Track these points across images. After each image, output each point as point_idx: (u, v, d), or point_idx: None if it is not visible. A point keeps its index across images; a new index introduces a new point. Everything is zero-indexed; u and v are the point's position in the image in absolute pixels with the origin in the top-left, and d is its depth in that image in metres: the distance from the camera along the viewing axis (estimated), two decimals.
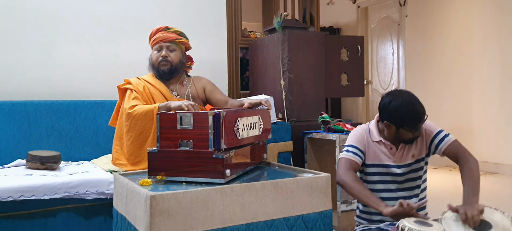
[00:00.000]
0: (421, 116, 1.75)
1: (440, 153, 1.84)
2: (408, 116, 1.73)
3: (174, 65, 2.40)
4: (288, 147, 2.91)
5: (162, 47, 2.39)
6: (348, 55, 3.41)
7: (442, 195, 3.60)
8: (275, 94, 3.23)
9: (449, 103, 5.44)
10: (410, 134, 1.78)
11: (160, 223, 1.40)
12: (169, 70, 2.39)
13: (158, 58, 2.38)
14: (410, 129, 1.76)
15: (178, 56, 2.42)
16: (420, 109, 1.74)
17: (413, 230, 1.48)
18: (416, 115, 1.74)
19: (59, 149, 2.65)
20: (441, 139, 1.83)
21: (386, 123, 1.81)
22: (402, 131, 1.78)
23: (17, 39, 2.79)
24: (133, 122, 2.21)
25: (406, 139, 1.81)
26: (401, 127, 1.77)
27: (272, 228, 1.60)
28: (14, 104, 2.62)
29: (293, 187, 1.66)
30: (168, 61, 2.38)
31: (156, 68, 2.40)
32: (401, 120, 1.75)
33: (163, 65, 2.38)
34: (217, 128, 1.62)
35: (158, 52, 2.40)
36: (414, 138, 1.81)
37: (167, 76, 2.40)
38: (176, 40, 2.42)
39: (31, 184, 2.02)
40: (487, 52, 4.96)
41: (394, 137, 1.83)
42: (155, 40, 2.41)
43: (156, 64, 2.39)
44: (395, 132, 1.80)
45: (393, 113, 1.76)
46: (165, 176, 1.67)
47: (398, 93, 1.79)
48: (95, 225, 2.22)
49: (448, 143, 1.82)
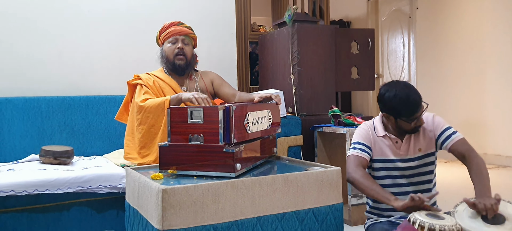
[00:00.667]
0: (416, 104, 1.73)
1: (447, 149, 1.83)
2: (403, 105, 1.73)
3: (188, 60, 2.39)
4: (298, 141, 2.91)
5: (177, 40, 2.37)
6: (358, 48, 3.39)
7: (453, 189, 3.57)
8: (285, 88, 3.22)
9: (461, 96, 5.38)
10: (409, 124, 1.77)
11: (171, 216, 1.42)
12: (185, 65, 2.37)
13: (174, 50, 2.35)
14: (407, 119, 1.76)
15: (191, 50, 2.42)
16: (414, 98, 1.73)
17: (425, 223, 1.47)
18: (411, 104, 1.72)
19: (71, 144, 2.69)
20: (448, 136, 1.82)
21: (385, 114, 1.81)
22: (401, 121, 1.78)
23: (29, 36, 2.83)
24: (144, 115, 2.22)
25: (407, 129, 1.80)
26: (399, 117, 1.77)
27: (283, 221, 1.61)
28: (27, 100, 2.66)
29: (304, 180, 1.66)
30: (184, 54, 2.36)
31: (171, 62, 2.36)
32: (397, 110, 1.75)
33: (179, 60, 2.35)
34: (227, 122, 1.63)
35: (172, 45, 2.36)
36: (416, 127, 1.79)
37: (181, 71, 2.38)
38: (190, 34, 2.42)
39: (45, 179, 2.05)
40: (499, 44, 4.89)
41: (396, 127, 1.82)
42: (170, 33, 2.38)
43: (171, 57, 2.35)
44: (394, 122, 1.80)
45: (388, 104, 1.76)
46: (176, 170, 1.69)
47: (393, 84, 1.79)
48: (108, 219, 2.25)
49: (455, 141, 1.80)
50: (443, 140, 1.82)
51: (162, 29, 2.42)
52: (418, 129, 1.82)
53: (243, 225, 1.53)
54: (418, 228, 1.48)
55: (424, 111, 1.78)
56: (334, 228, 1.72)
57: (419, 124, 1.80)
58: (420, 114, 1.76)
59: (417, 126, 1.80)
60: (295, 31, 3.14)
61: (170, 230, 1.42)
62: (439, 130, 1.84)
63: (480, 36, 5.11)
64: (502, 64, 4.87)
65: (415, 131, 1.82)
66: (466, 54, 5.29)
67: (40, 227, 2.12)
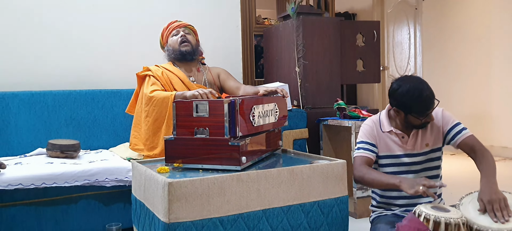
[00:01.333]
0: (429, 102, 1.72)
1: (455, 145, 1.82)
2: (415, 101, 1.71)
3: (193, 46, 2.50)
4: (304, 134, 2.91)
5: (179, 31, 2.50)
6: (364, 40, 3.37)
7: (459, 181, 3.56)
8: (290, 81, 3.22)
9: (467, 88, 5.34)
10: (419, 120, 1.76)
11: (178, 209, 1.43)
12: (191, 50, 2.48)
13: (177, 40, 2.48)
14: (418, 115, 1.74)
15: (194, 39, 2.54)
16: (428, 95, 1.71)
17: (431, 215, 1.47)
18: (424, 101, 1.71)
19: (77, 137, 2.70)
20: (458, 132, 1.81)
21: (395, 109, 1.79)
22: (411, 117, 1.76)
23: (35, 31, 2.84)
24: (151, 107, 2.26)
25: (416, 124, 1.79)
26: (410, 113, 1.75)
27: (289, 214, 1.61)
28: (34, 94, 2.68)
29: (309, 173, 1.66)
30: (188, 41, 2.48)
31: (177, 50, 2.47)
32: (409, 105, 1.73)
33: (184, 46, 2.47)
34: (232, 116, 1.63)
35: (175, 36, 2.50)
36: (425, 123, 1.79)
37: (189, 57, 2.48)
38: (189, 26, 2.56)
39: (52, 172, 2.07)
40: (506, 36, 4.84)
41: (404, 122, 1.81)
42: (171, 28, 2.52)
43: (177, 47, 2.47)
44: (404, 117, 1.79)
45: (401, 99, 1.74)
46: (182, 163, 1.70)
47: (406, 79, 1.77)
48: (114, 212, 2.27)
49: (465, 137, 1.79)
50: (452, 135, 1.81)
51: (163, 31, 2.57)
52: (426, 125, 1.81)
53: (249, 218, 1.54)
54: (424, 220, 1.48)
55: (434, 108, 1.77)
56: (340, 221, 1.72)
57: (428, 120, 1.79)
58: (431, 111, 1.76)
59: (426, 122, 1.79)
60: (300, 24, 3.13)
61: (176, 223, 1.43)
62: (448, 126, 1.83)
63: (487, 27, 5.06)
64: (509, 56, 4.82)
65: (423, 126, 1.81)
66: (472, 46, 5.24)
67: (48, 220, 2.14)
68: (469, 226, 1.51)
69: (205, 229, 1.46)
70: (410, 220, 1.51)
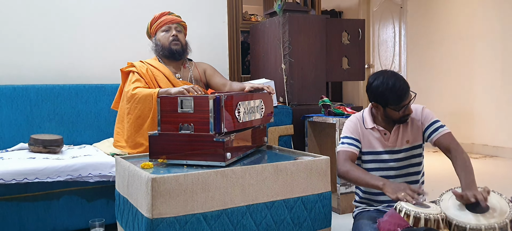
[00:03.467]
0: (403, 92, 1.75)
1: (432, 142, 1.85)
2: (389, 92, 1.74)
3: (183, 45, 2.46)
4: (289, 130, 2.93)
5: (170, 28, 2.44)
6: (349, 38, 3.40)
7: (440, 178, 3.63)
8: (276, 78, 3.23)
9: (450, 86, 5.43)
10: (397, 113, 1.79)
11: (161, 205, 1.43)
12: (181, 49, 2.44)
13: (169, 38, 2.42)
14: (395, 108, 1.77)
15: (183, 37, 2.50)
16: (401, 86, 1.74)
17: (411, 211, 1.50)
18: (397, 91, 1.74)
19: (60, 132, 2.67)
20: (436, 129, 1.84)
21: (374, 103, 1.83)
22: (389, 110, 1.80)
23: (18, 24, 2.79)
24: (133, 105, 2.23)
25: (395, 118, 1.82)
26: (387, 106, 1.79)
27: (272, 209, 1.63)
28: (16, 88, 2.64)
29: (293, 169, 1.68)
30: (179, 40, 2.43)
31: (167, 48, 2.41)
32: (384, 97, 1.77)
33: (175, 45, 2.42)
34: (217, 112, 1.63)
35: (166, 33, 2.44)
36: (404, 116, 1.81)
37: (178, 56, 2.44)
38: (181, 22, 2.50)
39: (34, 167, 2.04)
40: (489, 35, 4.93)
41: (384, 117, 1.84)
42: (162, 22, 2.45)
43: (167, 44, 2.41)
44: (383, 112, 1.82)
45: (376, 91, 1.78)
46: (166, 159, 1.69)
47: (381, 72, 1.80)
48: (98, 207, 2.25)
49: (441, 134, 1.83)
50: (430, 132, 1.85)
51: (153, 20, 2.47)
52: (406, 119, 1.84)
53: (232, 213, 1.55)
54: (404, 216, 1.51)
55: (412, 101, 1.80)
56: (323, 216, 1.74)
57: (407, 113, 1.81)
58: (408, 102, 1.78)
59: (405, 115, 1.81)
60: (286, 21, 3.14)
61: (159, 218, 1.43)
62: (427, 122, 1.86)
63: (470, 27, 5.15)
64: (491, 56, 4.92)
65: (403, 120, 1.83)
66: (455, 45, 5.33)
67: (29, 216, 2.11)
68: (448, 221, 1.54)
69: (189, 225, 1.47)
70: (391, 216, 1.54)
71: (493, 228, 1.46)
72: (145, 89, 2.26)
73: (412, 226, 1.48)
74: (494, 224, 1.47)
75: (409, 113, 1.82)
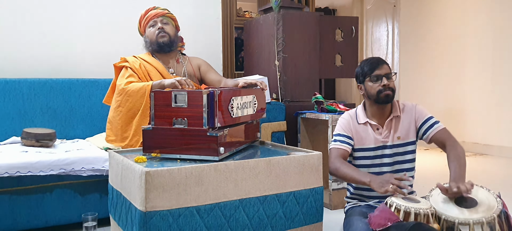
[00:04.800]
0: (376, 60, 1.85)
1: (427, 139, 1.87)
2: (365, 63, 1.87)
3: (171, 37, 2.45)
4: (282, 126, 2.94)
5: (156, 22, 2.45)
6: (343, 36, 3.42)
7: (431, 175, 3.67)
8: (270, 74, 3.25)
9: (441, 85, 5.49)
10: (376, 85, 1.82)
11: (155, 198, 1.44)
12: (169, 41, 2.43)
13: (155, 32, 2.43)
14: (371, 78, 1.83)
15: (172, 29, 2.48)
16: (376, 57, 1.86)
17: (401, 206, 1.52)
18: (371, 60, 1.85)
19: (53, 127, 2.67)
20: (431, 125, 1.86)
21: (360, 86, 1.91)
22: (368, 87, 1.85)
23: (11, 18, 2.78)
24: (124, 98, 2.24)
25: (375, 93, 1.83)
26: (365, 80, 1.87)
27: (265, 203, 1.64)
28: (8, 82, 2.62)
29: (286, 164, 1.69)
30: (165, 32, 2.43)
31: (155, 42, 2.42)
32: (362, 72, 1.87)
33: (161, 37, 2.42)
34: (211, 106, 1.65)
35: (153, 27, 2.44)
36: (384, 90, 1.82)
37: (167, 48, 2.44)
38: (167, 14, 2.49)
39: (27, 161, 2.04)
40: (480, 35, 4.99)
41: (369, 99, 1.88)
42: (148, 17, 2.46)
43: (154, 38, 2.42)
44: (366, 93, 1.88)
45: (356, 72, 1.91)
46: (160, 153, 1.70)
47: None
48: (91, 201, 2.26)
49: (437, 130, 1.85)
50: (425, 129, 1.87)
51: (140, 18, 2.51)
52: (388, 97, 1.83)
53: (225, 207, 1.56)
54: (394, 210, 1.53)
55: (391, 76, 1.84)
56: (314, 211, 1.76)
57: (387, 85, 1.82)
58: (384, 73, 1.82)
59: (384, 88, 1.82)
60: (280, 18, 3.16)
61: (153, 211, 1.44)
62: (421, 119, 1.89)
63: (462, 26, 5.20)
64: (482, 55, 4.98)
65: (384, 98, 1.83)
66: (448, 43, 5.38)
67: (22, 209, 2.11)
68: (437, 216, 1.57)
69: (182, 217, 1.48)
70: (381, 211, 1.56)
71: (481, 223, 1.49)
72: (138, 83, 2.26)
73: (402, 220, 1.51)
74: (482, 218, 1.49)
75: (388, 86, 1.83)
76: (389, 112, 1.91)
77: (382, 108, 1.89)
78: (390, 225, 1.48)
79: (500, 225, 1.51)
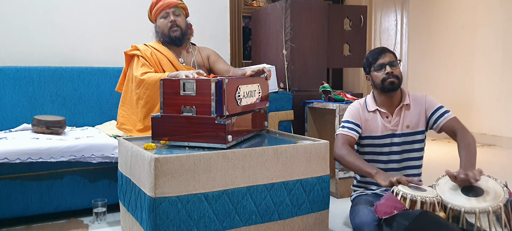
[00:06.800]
0: (380, 49, 1.88)
1: (438, 128, 1.88)
2: (370, 54, 1.90)
3: (183, 30, 2.44)
4: (289, 116, 2.95)
5: (168, 14, 2.42)
6: (351, 25, 3.40)
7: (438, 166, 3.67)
8: (277, 64, 3.25)
9: (450, 75, 5.45)
10: (381, 73, 1.85)
11: (164, 184, 1.46)
12: (181, 35, 2.43)
13: (167, 24, 2.41)
14: (375, 66, 1.86)
15: (183, 20, 2.47)
16: (381, 47, 1.89)
17: (407, 194, 1.53)
18: (376, 49, 1.89)
19: (63, 114, 2.70)
20: (441, 114, 1.87)
21: (367, 77, 1.94)
22: (374, 75, 1.88)
23: (21, 6, 2.80)
24: (142, 90, 2.26)
25: (380, 82, 1.86)
26: (371, 69, 1.89)
27: (272, 191, 1.66)
28: (18, 70, 2.66)
29: (293, 152, 1.71)
30: (178, 26, 2.42)
31: (167, 35, 2.42)
32: (367, 63, 1.91)
33: (174, 31, 2.41)
34: (219, 95, 1.66)
35: (165, 19, 2.42)
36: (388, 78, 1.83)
37: (179, 42, 2.43)
38: (179, 5, 2.46)
39: (38, 147, 2.07)
40: (490, 25, 4.93)
41: (376, 88, 1.90)
42: (160, 8, 2.42)
43: (166, 31, 2.41)
44: (373, 83, 1.91)
45: (363, 64, 1.95)
46: (169, 140, 1.72)
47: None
48: (100, 187, 2.29)
49: (447, 119, 1.86)
50: (435, 118, 1.87)
51: (151, 6, 2.47)
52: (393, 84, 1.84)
53: (233, 194, 1.58)
54: (401, 199, 1.54)
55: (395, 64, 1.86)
56: (321, 199, 1.78)
57: (391, 72, 1.84)
58: (388, 61, 1.84)
59: (389, 76, 1.83)
60: (288, 7, 3.15)
61: (162, 197, 1.46)
62: (431, 109, 1.89)
63: (472, 16, 5.14)
64: (492, 45, 4.92)
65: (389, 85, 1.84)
66: (457, 33, 5.33)
67: (33, 194, 2.15)
68: (444, 205, 1.58)
69: (190, 204, 1.50)
70: (388, 199, 1.57)
71: (487, 212, 1.49)
72: (154, 74, 2.27)
73: (408, 208, 1.52)
74: (488, 207, 1.50)
75: (392, 74, 1.84)
76: (398, 101, 1.92)
77: (391, 97, 1.90)
78: (396, 213, 1.49)
79: (506, 214, 1.52)
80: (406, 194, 1.54)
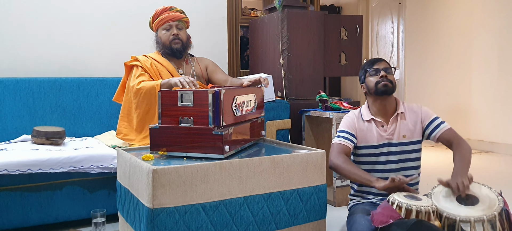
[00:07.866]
0: (376, 59, 1.94)
1: (435, 139, 1.90)
2: (366, 63, 1.96)
3: (184, 43, 2.48)
4: (286, 124, 2.97)
5: (171, 26, 2.45)
6: (347, 34, 3.44)
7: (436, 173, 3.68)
8: (275, 73, 3.27)
9: (447, 82, 5.48)
10: (375, 78, 1.89)
11: (162, 195, 1.48)
12: (182, 48, 2.46)
13: (169, 37, 2.44)
14: (370, 71, 1.91)
15: (185, 33, 2.51)
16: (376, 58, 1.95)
17: (403, 203, 1.55)
18: (371, 59, 1.95)
19: (63, 125, 2.72)
20: (437, 126, 1.90)
21: (362, 85, 1.98)
22: (368, 80, 1.93)
23: (21, 17, 2.83)
24: (140, 99, 2.28)
25: (373, 86, 1.90)
26: (365, 76, 1.94)
27: (269, 201, 1.68)
28: (19, 81, 2.68)
29: (290, 162, 1.73)
30: (179, 39, 2.45)
31: (168, 47, 2.44)
32: (363, 70, 1.96)
33: (176, 44, 2.44)
34: (216, 105, 1.68)
35: (167, 31, 2.45)
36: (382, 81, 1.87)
37: (179, 54, 2.46)
38: (183, 19, 2.49)
39: (37, 158, 2.09)
40: (487, 33, 4.98)
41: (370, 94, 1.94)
42: (163, 20, 2.44)
43: (168, 43, 2.44)
44: (367, 89, 1.94)
45: (359, 74, 2.00)
46: (167, 151, 1.74)
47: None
48: (99, 198, 2.31)
49: (444, 130, 1.89)
50: (432, 129, 1.90)
51: (154, 15, 2.48)
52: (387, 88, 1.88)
53: (230, 204, 1.60)
54: (396, 208, 1.56)
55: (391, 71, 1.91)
56: (318, 208, 1.80)
57: (385, 76, 1.88)
58: (383, 67, 1.90)
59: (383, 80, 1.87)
60: (285, 17, 3.18)
61: (160, 208, 1.48)
62: (427, 120, 1.92)
63: (468, 23, 5.19)
64: (488, 52, 4.97)
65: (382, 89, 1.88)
66: (453, 41, 5.37)
67: (33, 205, 2.17)
68: (439, 213, 1.59)
69: (188, 214, 1.52)
70: (383, 208, 1.59)
71: (482, 220, 1.51)
72: (148, 82, 2.30)
73: (404, 217, 1.53)
74: (483, 216, 1.52)
75: (387, 77, 1.89)
76: (393, 110, 1.94)
77: (385, 105, 1.92)
78: (392, 222, 1.51)
79: (501, 223, 1.54)
80: (402, 203, 1.56)
